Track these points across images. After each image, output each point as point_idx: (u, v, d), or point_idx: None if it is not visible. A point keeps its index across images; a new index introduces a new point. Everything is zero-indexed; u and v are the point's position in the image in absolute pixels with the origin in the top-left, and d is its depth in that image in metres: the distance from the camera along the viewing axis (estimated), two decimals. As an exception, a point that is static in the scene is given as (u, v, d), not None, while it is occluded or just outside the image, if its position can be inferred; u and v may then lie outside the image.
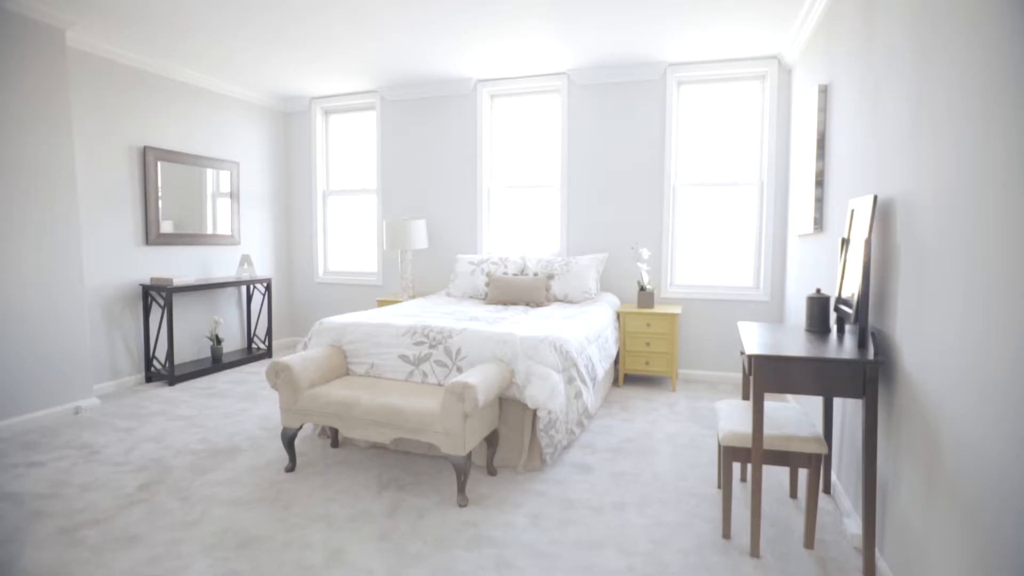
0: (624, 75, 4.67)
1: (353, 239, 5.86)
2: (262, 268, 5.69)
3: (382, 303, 5.07)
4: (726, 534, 2.21)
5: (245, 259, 5.19)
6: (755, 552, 2.08)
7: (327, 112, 5.84)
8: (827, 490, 2.60)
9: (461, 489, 2.47)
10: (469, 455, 2.48)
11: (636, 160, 4.74)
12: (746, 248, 4.61)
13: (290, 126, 5.92)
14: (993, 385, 1.25)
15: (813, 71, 3.46)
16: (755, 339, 2.22)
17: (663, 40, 4.04)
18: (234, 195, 5.29)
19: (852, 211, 2.30)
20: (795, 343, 2.14)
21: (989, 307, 1.28)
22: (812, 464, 2.09)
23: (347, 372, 3.12)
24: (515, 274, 4.61)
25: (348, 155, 5.81)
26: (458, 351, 2.88)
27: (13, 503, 2.45)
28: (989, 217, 1.29)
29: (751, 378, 2.14)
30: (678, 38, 4.00)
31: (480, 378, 2.47)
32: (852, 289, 2.15)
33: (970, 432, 1.35)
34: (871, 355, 1.91)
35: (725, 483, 2.19)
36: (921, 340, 1.67)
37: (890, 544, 1.89)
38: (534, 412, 2.80)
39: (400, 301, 4.98)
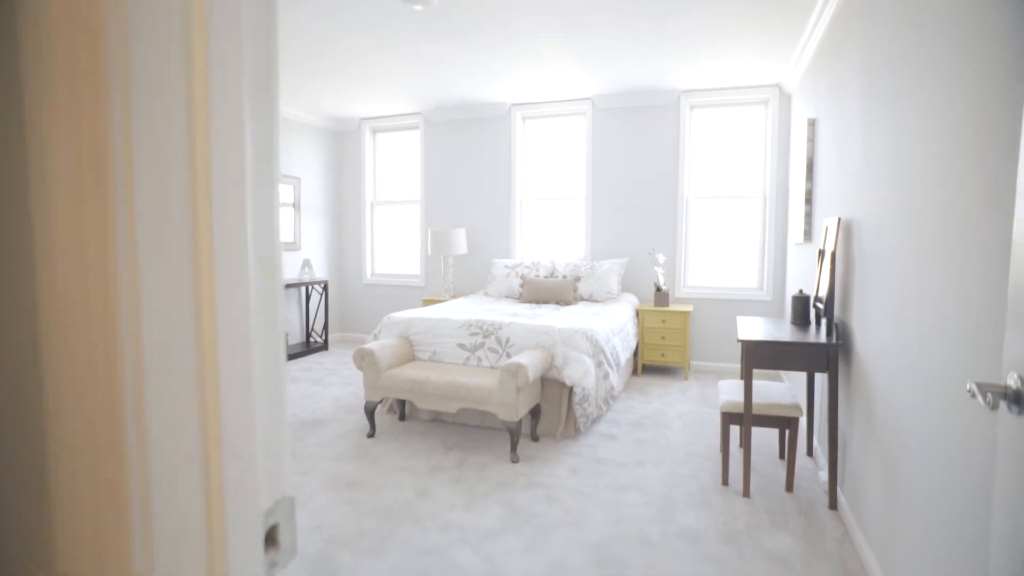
0: (642, 100, 5.29)
1: (398, 245, 6.55)
2: (319, 271, 6.40)
3: (427, 302, 5.74)
4: (724, 481, 2.82)
5: (306, 263, 5.90)
6: (746, 493, 2.69)
7: (375, 131, 6.53)
8: (810, 453, 3.20)
9: (513, 448, 3.12)
10: (520, 422, 3.12)
11: (653, 175, 5.35)
12: (751, 254, 5.19)
13: (343, 144, 6.63)
14: (903, 358, 1.86)
15: (806, 102, 4.05)
16: (748, 329, 2.83)
17: (677, 70, 4.65)
18: (296, 206, 6.00)
19: (826, 228, 2.90)
20: (780, 332, 2.75)
21: (900, 302, 1.89)
22: (791, 425, 2.70)
23: (413, 358, 3.79)
24: (546, 276, 5.24)
25: (394, 170, 6.51)
26: (507, 340, 3.53)
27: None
28: (899, 237, 1.90)
29: (743, 358, 2.75)
30: (690, 69, 4.61)
31: (529, 360, 3.12)
32: (824, 290, 2.75)
33: (888, 393, 1.96)
34: (833, 340, 2.52)
35: (723, 441, 2.80)
36: (866, 328, 2.27)
37: (848, 482, 2.49)
38: (570, 389, 3.43)
39: (443, 301, 5.64)
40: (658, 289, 5.03)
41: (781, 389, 2.94)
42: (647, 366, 5.33)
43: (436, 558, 2.20)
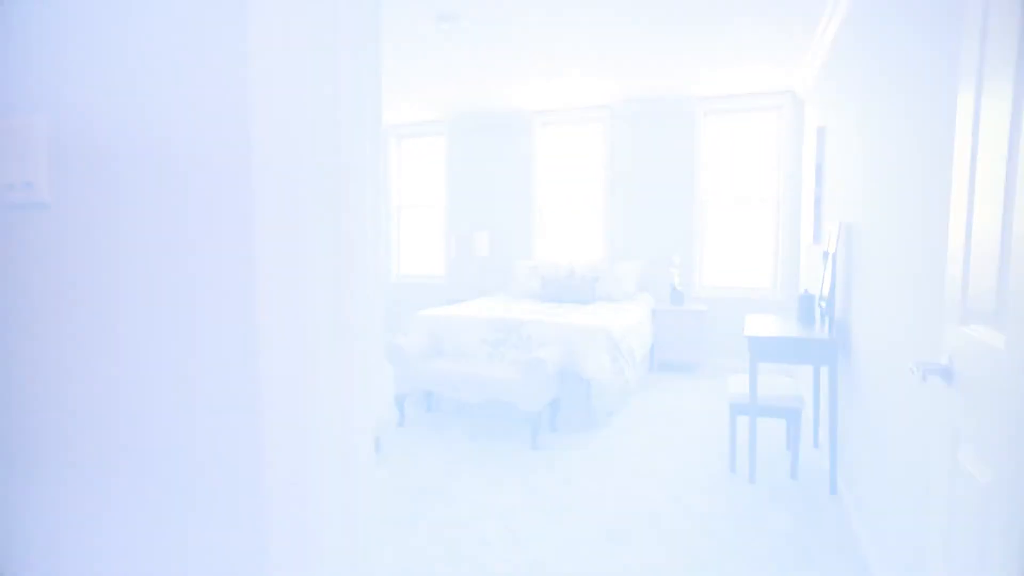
0: (659, 107, 5.48)
1: (423, 246, 6.82)
2: (347, 271, 6.69)
3: (451, 302, 6.00)
4: (732, 468, 3.01)
5: (336, 264, 6.20)
6: (752, 479, 2.88)
7: (401, 137, 6.82)
8: (816, 444, 3.37)
9: (534, 437, 3.34)
10: (540, 412, 3.35)
11: (669, 179, 5.53)
12: (765, 255, 5.34)
13: (369, 150, 6.92)
14: (891, 349, 2.04)
15: (817, 108, 4.20)
16: (755, 325, 3.02)
17: (692, 79, 4.83)
18: (327, 210, 6.30)
19: (829, 231, 3.07)
20: (785, 329, 2.93)
21: (886, 300, 2.07)
22: (794, 416, 2.87)
23: (440, 352, 4.03)
24: (565, 277, 5.45)
25: (419, 174, 6.78)
26: (528, 336, 3.75)
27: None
28: (889, 240, 2.08)
29: (748, 351, 2.93)
30: (705, 77, 4.78)
31: (549, 355, 3.34)
32: (827, 289, 2.92)
33: (875, 380, 2.14)
34: (832, 336, 2.70)
35: (731, 430, 2.99)
36: (862, 323, 2.45)
37: (846, 468, 2.66)
38: (588, 382, 3.65)
39: (466, 300, 5.89)
40: (674, 289, 5.21)
41: (786, 383, 3.11)
42: (663, 363, 5.51)
43: (463, 530, 2.44)
